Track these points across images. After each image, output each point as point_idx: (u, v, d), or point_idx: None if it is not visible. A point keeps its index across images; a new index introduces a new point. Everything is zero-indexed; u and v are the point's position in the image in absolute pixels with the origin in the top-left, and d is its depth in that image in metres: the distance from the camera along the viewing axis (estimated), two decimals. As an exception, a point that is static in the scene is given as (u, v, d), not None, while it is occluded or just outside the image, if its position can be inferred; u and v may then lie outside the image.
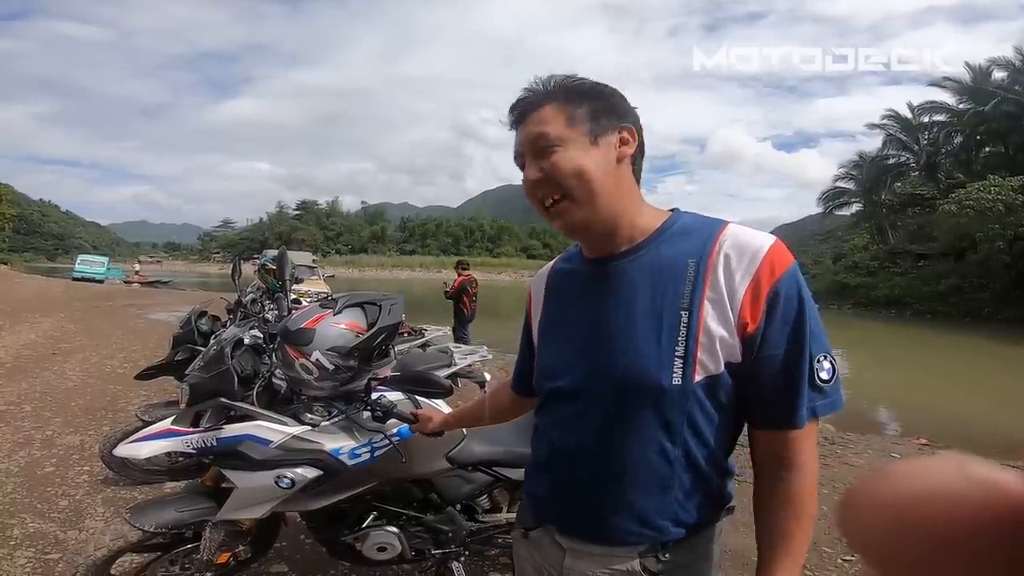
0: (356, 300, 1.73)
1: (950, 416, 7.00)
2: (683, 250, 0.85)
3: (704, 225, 0.88)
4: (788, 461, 0.83)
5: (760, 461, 0.87)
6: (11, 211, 46.56)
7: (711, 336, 0.81)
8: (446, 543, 1.92)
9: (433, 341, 4.33)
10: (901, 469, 0.18)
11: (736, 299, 0.80)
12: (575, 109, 0.86)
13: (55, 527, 2.67)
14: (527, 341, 1.11)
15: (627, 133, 0.87)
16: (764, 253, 0.81)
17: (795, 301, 0.80)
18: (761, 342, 0.80)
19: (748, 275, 0.80)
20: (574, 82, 0.89)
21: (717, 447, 0.86)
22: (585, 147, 0.85)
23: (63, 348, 7.47)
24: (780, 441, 0.83)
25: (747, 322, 0.80)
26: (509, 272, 78.77)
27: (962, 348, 15.11)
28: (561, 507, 0.95)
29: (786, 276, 0.80)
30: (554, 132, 0.85)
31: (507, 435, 1.96)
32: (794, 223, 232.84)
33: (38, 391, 5.12)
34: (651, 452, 0.84)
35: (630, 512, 0.86)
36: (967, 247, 22.90)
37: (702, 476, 0.86)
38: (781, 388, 0.81)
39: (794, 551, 0.81)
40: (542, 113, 0.87)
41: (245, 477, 1.62)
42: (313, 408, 1.72)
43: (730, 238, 0.84)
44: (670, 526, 0.87)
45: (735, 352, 0.81)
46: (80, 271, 28.80)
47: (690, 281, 0.83)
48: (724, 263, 0.82)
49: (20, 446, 3.70)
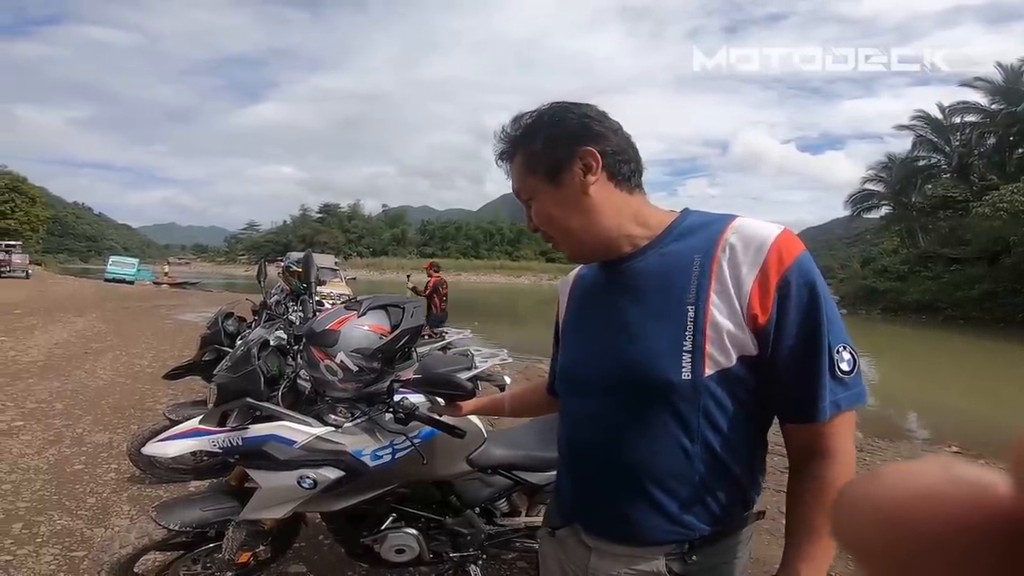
0: (380, 303, 1.74)
1: (982, 423, 6.78)
2: (690, 246, 0.85)
3: (711, 221, 0.87)
4: (819, 452, 0.81)
5: (792, 453, 0.86)
6: (46, 213, 48.09)
7: (719, 330, 0.80)
8: (464, 546, 1.91)
9: (454, 343, 4.35)
10: (889, 471, 0.18)
11: (743, 291, 0.79)
12: (532, 149, 0.89)
13: (82, 524, 2.71)
14: (556, 344, 1.12)
15: (588, 157, 0.85)
16: (771, 242, 0.79)
17: (807, 290, 0.78)
18: (775, 334, 0.79)
19: (755, 266, 0.79)
20: (530, 118, 0.90)
21: (740, 442, 0.85)
22: (549, 191, 0.88)
23: (94, 347, 7.66)
24: (809, 433, 0.82)
25: (757, 314, 0.78)
26: (528, 275, 78.83)
27: (995, 354, 14.66)
28: (586, 505, 0.95)
29: (796, 264, 0.78)
30: (521, 187, 0.91)
31: (528, 439, 1.95)
32: (820, 226, 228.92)
33: (69, 389, 5.24)
34: (669, 448, 0.83)
35: (652, 509, 0.85)
36: (1001, 251, 22.22)
37: (726, 471, 0.85)
38: (801, 380, 0.79)
39: (819, 543, 0.79)
40: (514, 164, 0.92)
41: (269, 477, 1.64)
42: (336, 409, 1.74)
43: (736, 231, 0.83)
44: (695, 521, 0.85)
45: (747, 345, 0.80)
46: (112, 272, 29.61)
47: (696, 276, 0.82)
48: (730, 255, 0.81)
49: (51, 443, 3.77)
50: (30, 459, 3.48)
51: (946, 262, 26.09)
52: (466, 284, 63.25)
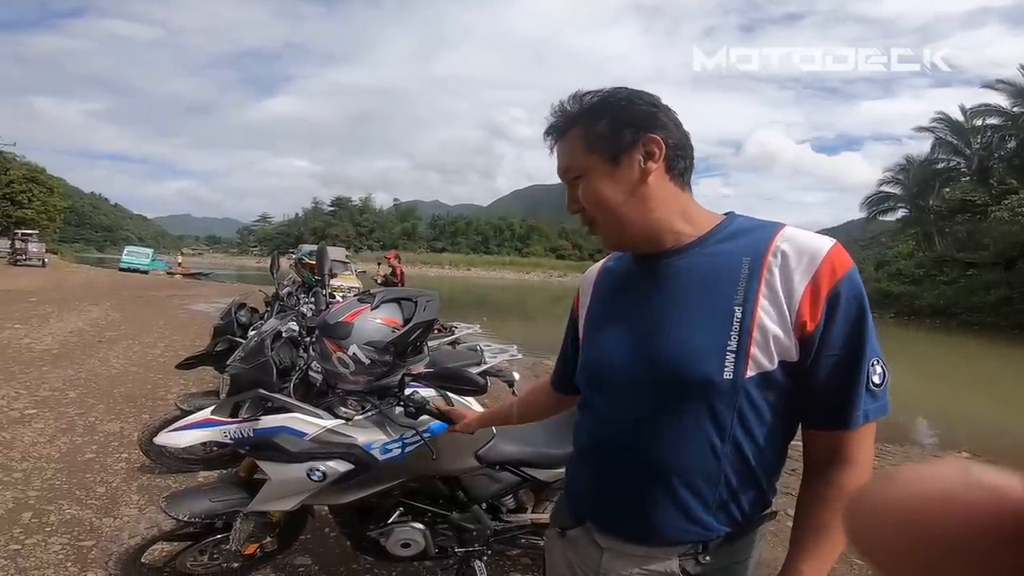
0: (393, 296, 1.74)
1: (995, 429, 6.69)
2: (737, 249, 0.85)
3: (760, 226, 0.87)
4: (842, 458, 0.82)
5: (813, 459, 0.86)
6: (63, 203, 48.69)
7: (765, 333, 0.80)
8: (470, 541, 1.91)
9: (463, 339, 4.34)
10: (905, 473, 0.18)
11: (794, 298, 0.79)
12: (594, 128, 0.86)
13: (91, 514, 2.71)
14: (572, 339, 1.10)
15: (653, 145, 0.85)
16: (824, 253, 0.80)
17: (855, 303, 0.80)
18: (820, 342, 0.79)
19: (807, 275, 0.79)
20: (594, 97, 0.88)
21: (768, 446, 0.85)
22: (606, 172, 0.86)
23: (108, 336, 7.74)
24: (835, 441, 0.83)
25: (805, 321, 0.79)
26: (538, 272, 78.86)
27: (1010, 360, 14.44)
28: (603, 503, 0.93)
29: (847, 278, 0.80)
30: (575, 163, 0.88)
31: (537, 436, 1.94)
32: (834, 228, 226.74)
33: (83, 378, 5.28)
34: (699, 447, 0.83)
35: (676, 507, 0.85)
36: (1018, 256, 21.88)
37: (750, 474, 0.85)
38: (839, 389, 0.80)
39: (828, 544, 0.80)
40: (566, 140, 0.89)
41: (279, 469, 1.64)
42: (347, 402, 1.74)
43: (788, 239, 0.83)
44: (715, 522, 0.85)
45: (790, 351, 0.80)
46: (127, 262, 30.01)
47: (744, 278, 0.82)
48: (781, 262, 0.81)
49: (63, 432, 3.79)
50: (42, 447, 3.50)
51: (962, 267, 25.72)
52: (475, 279, 63.34)
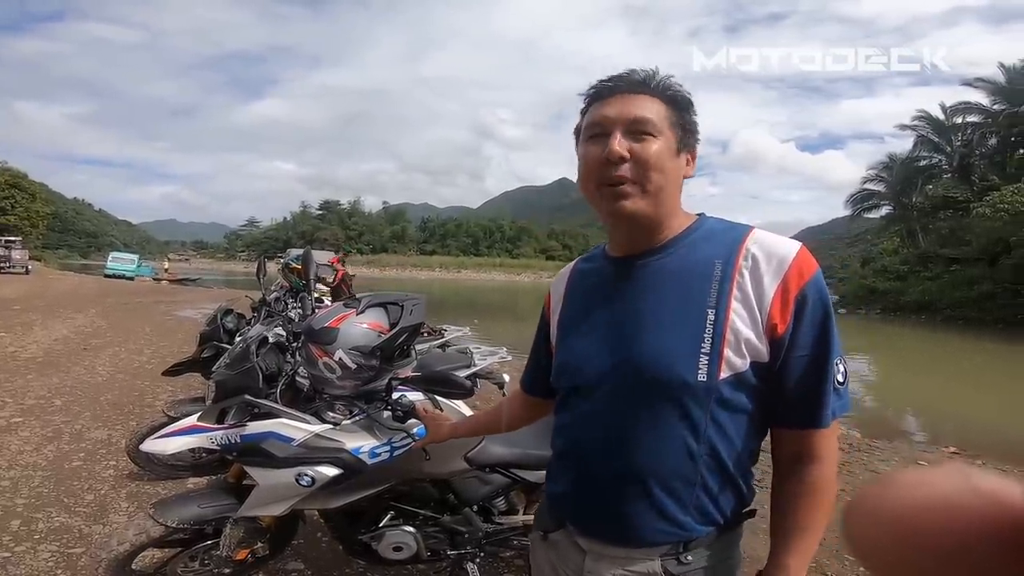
0: (379, 300, 1.74)
1: (980, 424, 6.79)
2: (709, 252, 0.87)
3: (730, 228, 0.89)
4: (812, 456, 0.86)
5: (783, 457, 0.89)
6: (46, 209, 48.07)
7: (738, 335, 0.82)
8: (462, 544, 1.92)
9: (453, 341, 4.34)
10: (904, 479, 0.18)
11: (764, 301, 0.82)
12: (674, 115, 0.88)
13: (80, 521, 2.71)
14: (544, 341, 1.10)
15: (691, 156, 0.91)
16: (792, 257, 0.83)
17: (821, 305, 0.83)
18: (789, 343, 0.82)
19: (777, 278, 0.82)
20: (677, 89, 0.90)
21: (742, 446, 0.87)
22: (673, 151, 0.87)
23: (94, 343, 7.68)
24: (805, 439, 0.86)
25: (776, 323, 0.82)
26: (528, 273, 78.93)
27: (994, 355, 14.65)
28: (582, 506, 0.94)
29: (813, 281, 0.83)
30: (659, 122, 0.86)
31: (526, 437, 1.95)
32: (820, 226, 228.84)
33: (69, 385, 5.25)
34: (675, 448, 0.84)
35: (653, 509, 0.86)
36: (1001, 251, 22.19)
37: (726, 475, 0.87)
38: (808, 389, 0.83)
39: (809, 539, 0.84)
40: (646, 100, 0.87)
41: (267, 474, 1.64)
42: (335, 407, 1.74)
43: (757, 242, 0.85)
44: (693, 523, 0.87)
45: (761, 352, 0.82)
46: (112, 268, 29.64)
47: (716, 281, 0.84)
48: (752, 265, 0.83)
49: (49, 440, 3.77)
50: (29, 455, 3.48)
51: (946, 262, 26.06)
52: (466, 281, 63.25)
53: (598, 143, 0.86)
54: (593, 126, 0.88)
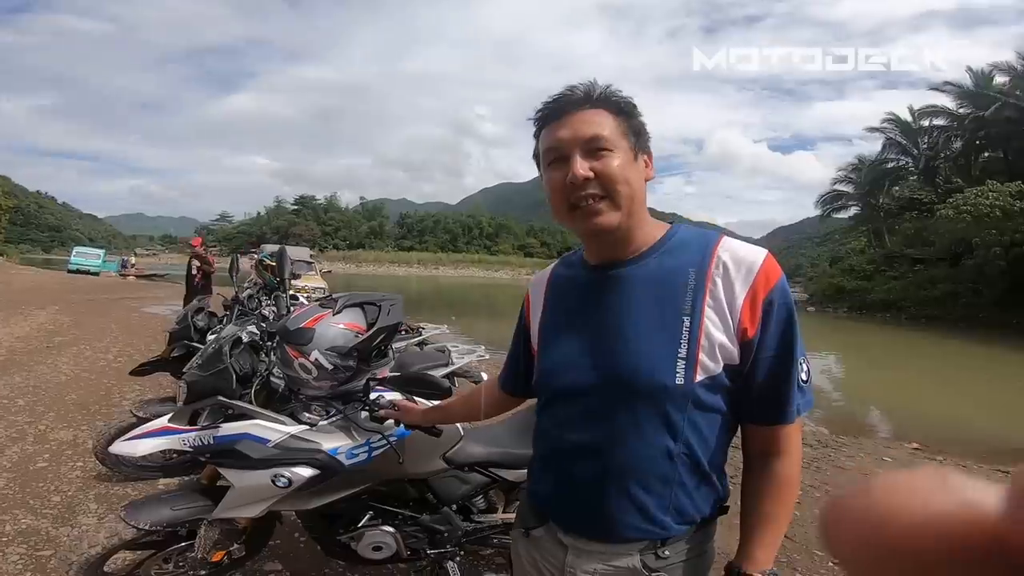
0: (356, 300, 1.72)
1: (943, 420, 7.03)
2: (683, 261, 0.91)
3: (701, 237, 0.94)
4: (778, 450, 0.91)
5: (752, 452, 0.95)
6: (8, 202, 46.40)
7: (711, 340, 0.86)
8: (442, 543, 1.92)
9: (431, 339, 4.33)
10: (883, 483, 0.18)
11: (735, 307, 0.86)
12: (623, 122, 0.90)
13: (47, 523, 2.65)
14: (523, 342, 1.13)
15: (648, 157, 0.94)
16: (759, 265, 0.87)
17: (785, 309, 0.88)
18: (757, 346, 0.87)
19: (746, 285, 0.87)
20: (619, 97, 0.91)
21: (716, 446, 0.91)
22: (631, 159, 0.90)
23: (57, 341, 7.45)
24: (772, 434, 0.91)
25: (746, 327, 0.86)
26: (507, 270, 79.01)
27: (955, 353, 15.17)
28: (565, 504, 0.98)
29: (779, 286, 0.88)
30: (612, 137, 0.88)
31: (504, 436, 1.96)
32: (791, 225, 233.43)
33: (31, 385, 5.10)
34: (654, 449, 0.88)
35: (633, 507, 0.90)
36: (963, 252, 22.94)
37: (702, 473, 0.91)
38: (774, 388, 0.88)
39: (776, 530, 0.90)
40: (593, 115, 0.89)
41: (242, 476, 1.62)
42: (311, 407, 1.72)
43: (727, 250, 0.90)
44: (671, 522, 0.90)
45: (733, 355, 0.87)
46: (76, 263, 28.74)
47: (691, 289, 0.88)
48: (723, 274, 0.87)
49: (13, 441, 3.67)
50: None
51: (910, 262, 26.86)
52: (444, 278, 62.95)
53: (560, 168, 0.89)
54: (550, 151, 0.91)
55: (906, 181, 33.19)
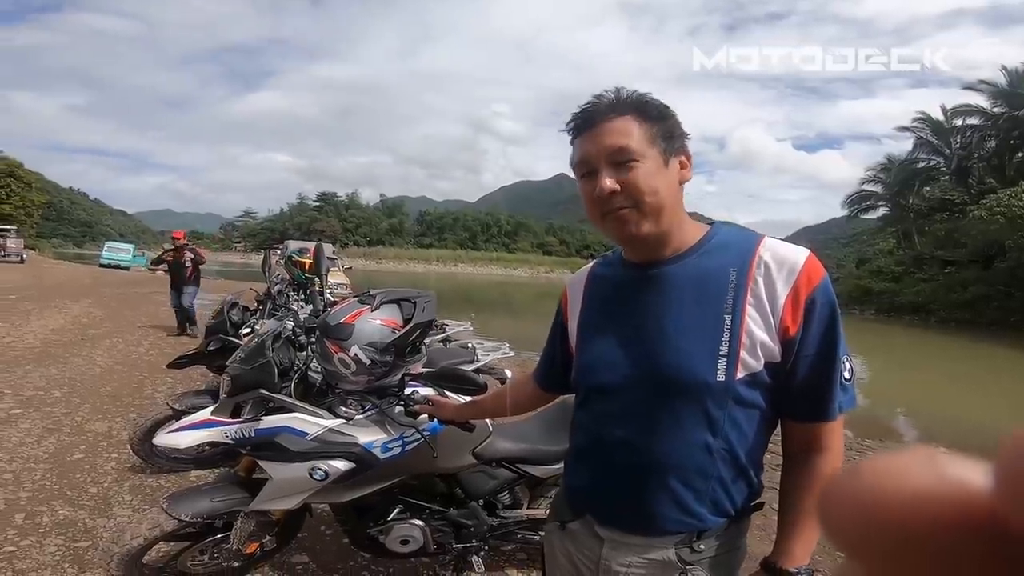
0: (392, 297, 1.76)
1: (972, 425, 6.84)
2: (724, 261, 0.92)
3: (743, 238, 0.95)
4: (819, 447, 0.92)
5: (793, 449, 0.95)
6: (41, 198, 47.72)
7: (753, 338, 0.87)
8: (467, 537, 1.95)
9: (454, 336, 4.36)
10: (874, 465, 0.18)
11: (777, 306, 0.87)
12: (651, 127, 0.90)
13: (84, 515, 2.69)
14: (560, 339, 1.15)
15: (685, 158, 0.94)
16: (801, 264, 0.88)
17: (828, 308, 0.88)
18: (799, 344, 0.88)
19: (788, 284, 0.88)
20: (646, 100, 0.92)
21: (755, 441, 0.92)
22: (660, 166, 0.90)
23: (91, 334, 7.63)
24: (813, 431, 0.92)
25: (788, 326, 0.87)
26: (525, 268, 78.91)
27: (985, 356, 14.77)
28: (602, 498, 0.99)
29: (821, 286, 0.88)
30: (636, 147, 0.88)
31: (533, 432, 1.98)
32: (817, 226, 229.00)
33: (67, 377, 5.20)
34: (693, 444, 0.90)
35: (671, 500, 0.91)
36: (995, 254, 22.33)
37: (740, 468, 0.92)
38: (817, 386, 0.89)
39: (814, 527, 0.89)
40: (619, 125, 0.89)
41: (280, 468, 1.66)
42: (347, 401, 1.76)
43: (769, 250, 0.91)
44: (707, 514, 0.92)
45: (774, 353, 0.88)
46: (107, 257, 29.45)
47: (732, 288, 0.89)
48: (764, 273, 0.89)
49: (50, 432, 3.74)
50: (30, 448, 3.45)
51: (940, 264, 26.19)
52: (463, 275, 63.06)
53: (590, 181, 0.91)
54: (581, 165, 0.93)
55: (937, 181, 32.36)
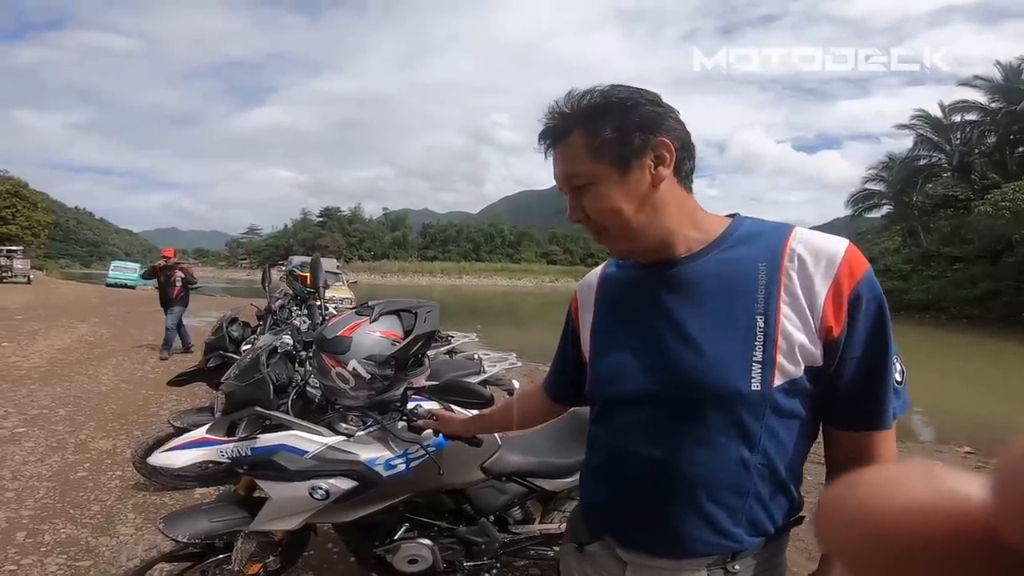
0: (392, 307, 1.69)
1: (990, 424, 6.73)
2: (751, 255, 0.83)
3: (771, 229, 0.85)
4: (871, 458, 0.82)
5: (838, 460, 0.86)
6: (47, 218, 48.21)
7: (791, 341, 0.79)
8: (478, 555, 1.88)
9: (460, 348, 4.31)
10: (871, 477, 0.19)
11: (817, 303, 0.78)
12: (600, 133, 0.80)
13: (87, 533, 2.67)
14: (571, 347, 1.07)
15: (663, 148, 0.81)
16: (842, 256, 0.79)
17: (875, 304, 0.79)
18: (845, 345, 0.78)
19: (828, 278, 0.78)
20: (595, 99, 0.82)
21: (794, 454, 0.84)
22: (616, 180, 0.81)
23: (97, 353, 7.66)
24: (864, 441, 0.83)
25: (831, 326, 0.78)
26: (530, 278, 79.04)
27: (999, 354, 14.59)
28: (625, 519, 0.90)
29: (865, 278, 0.79)
30: (582, 169, 0.82)
31: (543, 445, 1.92)
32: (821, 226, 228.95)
33: (72, 395, 5.22)
34: (727, 459, 0.81)
35: (703, 521, 0.82)
36: (1003, 249, 22.17)
37: (779, 482, 0.84)
38: (867, 391, 0.80)
39: None
40: (568, 146, 0.83)
41: (279, 488, 1.60)
42: (348, 418, 1.70)
43: (802, 241, 0.81)
44: (744, 534, 0.83)
45: (816, 357, 0.79)
46: (114, 277, 29.65)
47: (763, 286, 0.80)
48: (799, 267, 0.79)
49: (54, 450, 3.75)
50: (33, 466, 3.45)
51: (948, 261, 25.99)
52: (467, 287, 63.22)
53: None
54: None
55: (940, 178, 32.19)
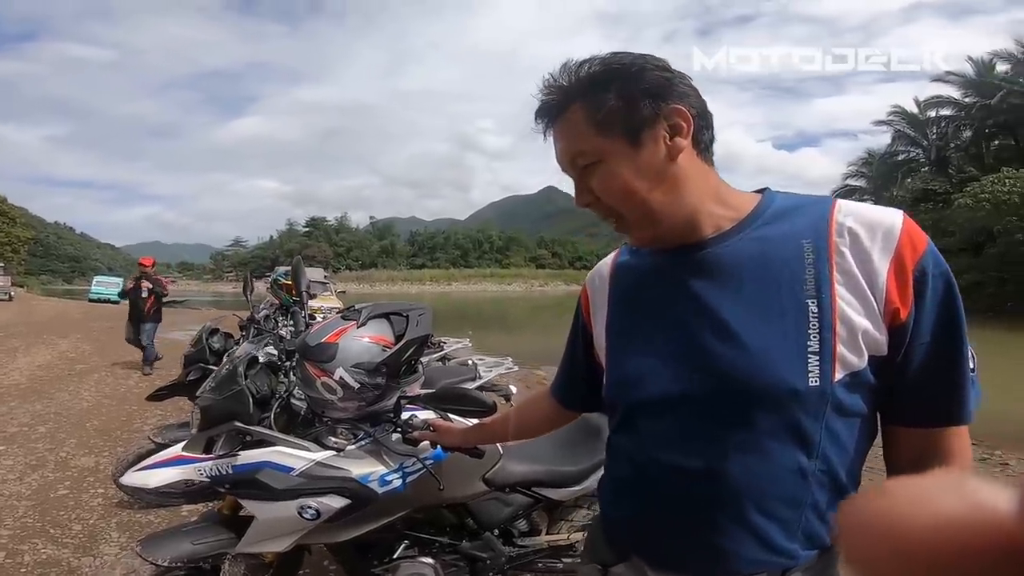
0: (381, 311, 1.58)
1: (979, 412, 6.72)
2: (791, 231, 0.73)
3: (810, 202, 0.76)
4: (947, 456, 0.71)
5: (904, 460, 0.74)
6: (27, 234, 47.44)
7: (851, 327, 0.68)
8: (483, 571, 1.76)
9: (453, 354, 4.20)
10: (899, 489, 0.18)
11: (878, 282, 0.68)
12: (603, 104, 0.72)
13: (68, 553, 2.58)
14: (583, 348, 0.97)
15: (677, 117, 0.72)
16: (900, 227, 0.69)
17: (943, 280, 0.69)
18: (913, 329, 0.68)
19: (888, 253, 0.68)
20: (595, 67, 0.73)
21: (855, 456, 0.74)
22: (626, 155, 0.72)
23: (79, 368, 7.51)
24: (937, 438, 0.71)
25: (897, 308, 0.68)
26: (519, 282, 79.02)
27: (987, 342, 14.69)
28: (657, 535, 0.80)
29: (929, 251, 0.69)
30: (587, 146, 0.74)
31: (548, 452, 1.82)
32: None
33: (53, 412, 5.09)
34: (781, 468, 0.70)
35: (751, 537, 0.72)
36: (985, 241, 22.48)
37: (839, 490, 0.73)
38: (942, 380, 0.70)
39: None
40: (568, 122, 0.75)
41: (265, 508, 1.48)
42: (337, 431, 1.58)
43: (850, 214, 0.72)
44: (799, 549, 0.73)
45: (880, 344, 0.69)
46: (96, 292, 29.18)
47: (811, 265, 0.70)
48: (851, 243, 0.70)
49: (33, 468, 3.64)
50: (12, 485, 3.35)
51: (932, 254, 26.33)
52: (457, 294, 63.06)
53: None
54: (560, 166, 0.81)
55: (918, 173, 32.72)
